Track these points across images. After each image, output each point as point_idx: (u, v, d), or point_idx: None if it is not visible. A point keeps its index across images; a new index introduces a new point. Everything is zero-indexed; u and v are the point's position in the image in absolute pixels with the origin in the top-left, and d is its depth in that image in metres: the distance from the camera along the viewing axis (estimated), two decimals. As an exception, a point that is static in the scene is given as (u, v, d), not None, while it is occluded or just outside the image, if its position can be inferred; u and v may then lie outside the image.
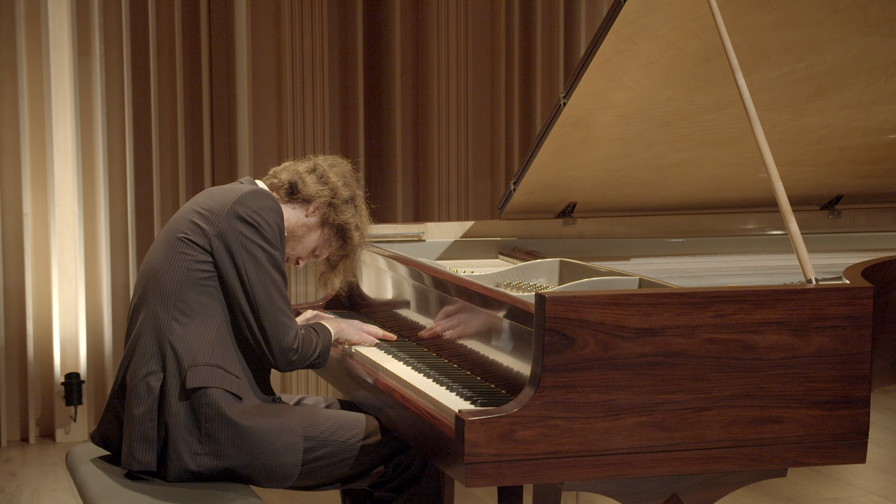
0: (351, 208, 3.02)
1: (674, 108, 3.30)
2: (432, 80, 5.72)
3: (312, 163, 3.04)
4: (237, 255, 2.76)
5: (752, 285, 2.53)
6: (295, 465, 2.76)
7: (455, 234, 3.64)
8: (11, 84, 5.13)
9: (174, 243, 2.79)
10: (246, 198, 2.80)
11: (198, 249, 2.77)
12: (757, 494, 4.46)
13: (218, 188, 2.91)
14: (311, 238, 3.01)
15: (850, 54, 3.25)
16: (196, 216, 2.81)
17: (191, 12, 5.38)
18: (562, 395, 2.33)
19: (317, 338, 2.90)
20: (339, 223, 3.00)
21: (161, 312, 2.75)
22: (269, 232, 2.79)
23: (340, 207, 3.00)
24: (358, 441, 2.83)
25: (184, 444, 2.70)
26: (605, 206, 3.67)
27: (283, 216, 2.85)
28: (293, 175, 2.99)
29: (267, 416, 2.75)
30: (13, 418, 5.28)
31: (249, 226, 2.77)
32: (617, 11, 2.91)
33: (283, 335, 2.78)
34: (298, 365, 2.85)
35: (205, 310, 2.75)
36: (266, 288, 2.77)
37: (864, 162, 3.72)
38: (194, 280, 2.76)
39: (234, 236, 2.76)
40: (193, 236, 2.78)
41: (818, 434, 2.47)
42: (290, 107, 5.45)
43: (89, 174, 5.25)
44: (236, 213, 2.77)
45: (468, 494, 4.43)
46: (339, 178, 3.03)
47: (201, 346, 2.73)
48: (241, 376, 2.77)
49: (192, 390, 2.70)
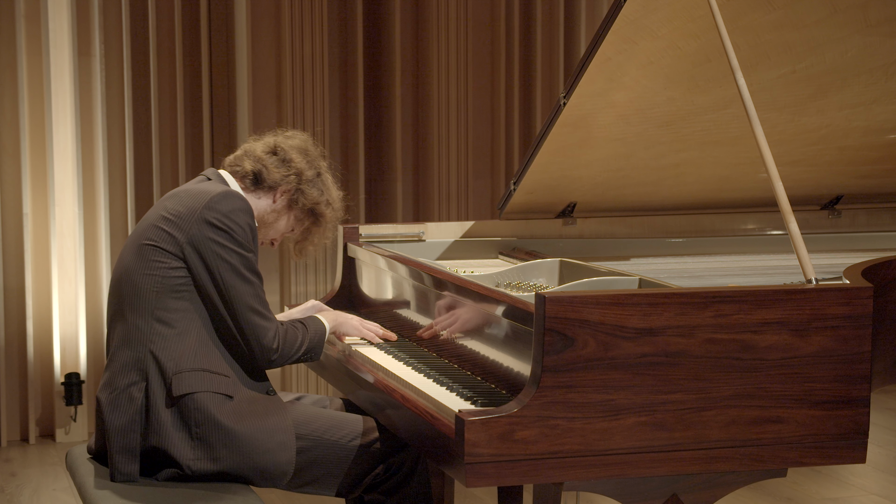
0: (317, 186, 2.99)
1: (674, 108, 3.30)
2: (432, 79, 5.72)
3: (272, 142, 2.98)
4: (210, 261, 2.73)
5: (752, 285, 2.53)
6: (289, 462, 2.76)
7: (455, 234, 3.64)
8: (11, 84, 5.13)
9: (146, 251, 2.76)
10: (215, 202, 2.76)
11: (170, 257, 2.74)
12: (757, 494, 4.46)
13: (185, 190, 2.86)
14: (281, 222, 2.99)
15: (850, 54, 3.25)
16: (165, 223, 2.76)
17: (191, 12, 5.38)
18: (562, 395, 2.33)
19: (303, 334, 2.88)
20: (309, 205, 2.98)
21: (140, 322, 2.73)
22: (241, 234, 2.76)
23: (307, 189, 2.96)
24: (349, 441, 2.83)
25: (176, 450, 2.69)
26: (605, 206, 3.67)
27: (253, 214, 2.81)
28: (255, 163, 2.94)
29: (258, 416, 2.75)
30: (13, 418, 5.28)
31: (221, 231, 2.74)
32: (617, 11, 2.91)
33: (262, 336, 2.77)
34: (280, 363, 2.84)
35: (184, 315, 2.73)
36: (241, 292, 2.75)
37: (864, 162, 3.72)
38: (171, 287, 2.73)
39: (205, 243, 2.73)
40: (164, 244, 2.74)
41: (818, 434, 2.47)
42: (290, 107, 5.45)
43: (89, 174, 5.25)
44: (206, 220, 2.74)
45: (468, 494, 4.43)
46: (301, 155, 2.98)
47: (184, 353, 2.72)
48: (230, 373, 2.76)
49: (179, 397, 2.69)
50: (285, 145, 2.98)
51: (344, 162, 5.66)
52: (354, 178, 5.64)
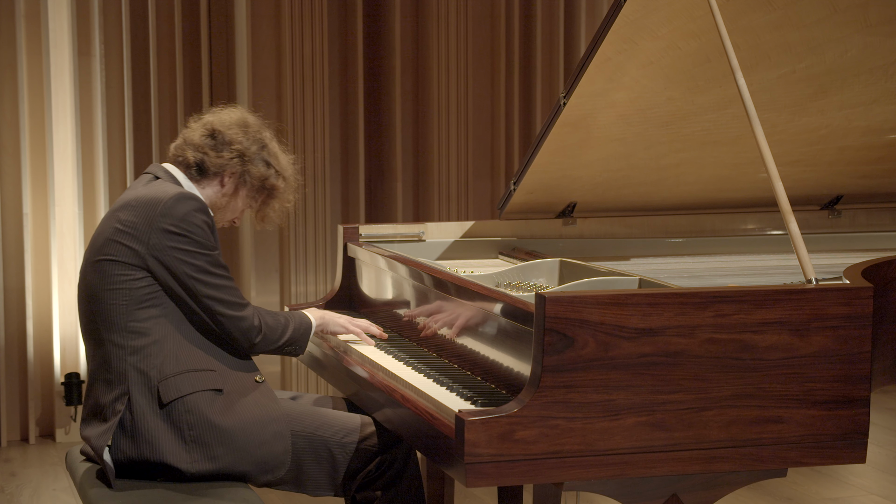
0: (263, 159, 2.93)
1: (674, 108, 3.30)
2: (432, 80, 5.72)
3: (209, 125, 2.92)
4: (175, 268, 2.72)
5: (752, 285, 2.53)
6: (286, 452, 2.77)
7: (455, 234, 3.64)
8: (11, 84, 5.13)
9: (106, 267, 2.73)
10: (168, 208, 2.73)
11: (133, 269, 2.72)
12: (757, 494, 4.46)
13: (134, 196, 2.81)
14: (234, 203, 2.95)
15: (850, 54, 3.25)
16: (122, 236, 2.73)
17: (191, 12, 5.38)
18: (562, 395, 2.33)
19: (286, 319, 2.89)
20: (258, 183, 2.93)
21: (116, 338, 2.72)
22: (201, 234, 2.74)
23: (253, 167, 2.92)
24: (342, 437, 2.84)
25: (172, 457, 2.69)
26: (605, 206, 3.67)
27: (206, 209, 2.78)
28: (196, 152, 2.89)
29: (250, 409, 2.76)
30: (13, 418, 5.28)
31: (180, 237, 2.72)
32: (617, 11, 2.91)
33: (241, 323, 2.78)
34: (264, 346, 2.84)
35: (157, 322, 2.73)
36: (212, 291, 2.75)
37: (864, 162, 3.72)
38: (139, 298, 2.72)
39: (167, 251, 2.71)
40: (125, 258, 2.72)
41: (818, 434, 2.47)
42: (290, 107, 5.45)
43: (89, 174, 5.25)
44: (163, 228, 2.71)
45: (468, 494, 4.43)
46: (241, 131, 2.93)
47: (165, 358, 2.71)
48: (215, 366, 2.77)
49: (168, 404, 2.69)
50: (222, 126, 2.92)
51: (344, 162, 5.66)
52: (354, 178, 5.64)
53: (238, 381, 2.79)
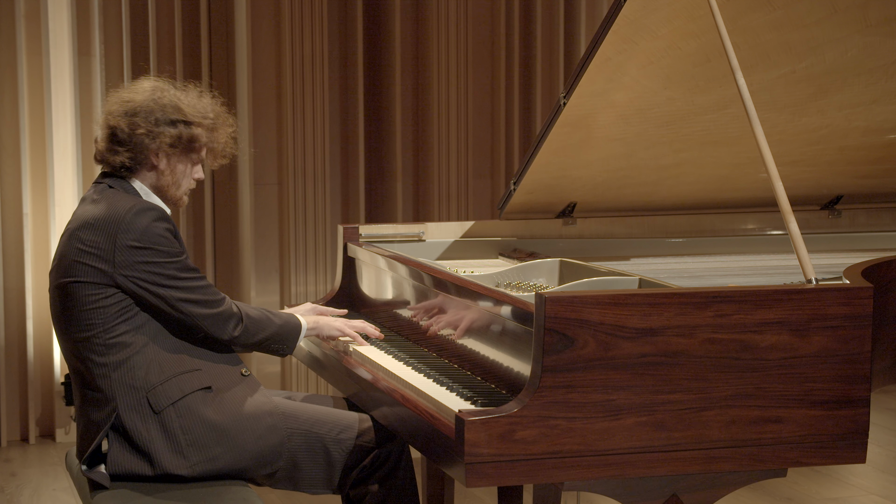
0: (167, 122, 2.81)
1: (674, 108, 3.30)
2: (432, 80, 5.72)
3: (106, 126, 2.84)
4: (146, 283, 2.71)
5: (752, 285, 2.53)
6: (281, 444, 2.79)
7: (455, 234, 3.64)
8: (11, 84, 5.13)
9: (75, 290, 2.71)
10: (128, 224, 2.70)
11: (103, 288, 2.70)
12: (757, 494, 4.46)
13: (90, 213, 2.75)
14: (178, 173, 2.85)
15: (850, 54, 3.25)
16: (86, 256, 2.70)
17: (191, 12, 5.38)
18: (562, 395, 2.33)
19: (269, 318, 2.88)
20: (181, 145, 2.83)
21: (96, 357, 2.72)
22: (165, 244, 2.73)
23: (163, 136, 2.80)
24: (337, 434, 2.86)
25: (172, 465, 2.70)
26: (605, 206, 3.67)
27: (164, 214, 2.75)
28: (114, 156, 2.80)
29: (241, 404, 2.77)
30: (13, 418, 5.28)
31: (146, 251, 2.70)
32: (617, 11, 2.91)
33: (218, 319, 2.78)
34: (246, 338, 2.83)
35: (135, 333, 2.72)
36: (186, 294, 2.74)
37: (864, 162, 3.72)
38: (113, 315, 2.71)
39: (135, 267, 2.70)
40: (94, 278, 2.70)
41: (818, 434, 2.47)
42: (290, 107, 5.45)
43: (89, 174, 5.25)
44: (127, 245, 2.69)
45: (468, 494, 4.43)
46: (130, 113, 2.81)
47: (149, 368, 2.72)
48: (200, 365, 2.77)
49: (161, 411, 2.70)
50: (115, 119, 2.81)
51: (344, 162, 5.66)
52: (354, 177, 5.64)
53: (225, 376, 2.80)
